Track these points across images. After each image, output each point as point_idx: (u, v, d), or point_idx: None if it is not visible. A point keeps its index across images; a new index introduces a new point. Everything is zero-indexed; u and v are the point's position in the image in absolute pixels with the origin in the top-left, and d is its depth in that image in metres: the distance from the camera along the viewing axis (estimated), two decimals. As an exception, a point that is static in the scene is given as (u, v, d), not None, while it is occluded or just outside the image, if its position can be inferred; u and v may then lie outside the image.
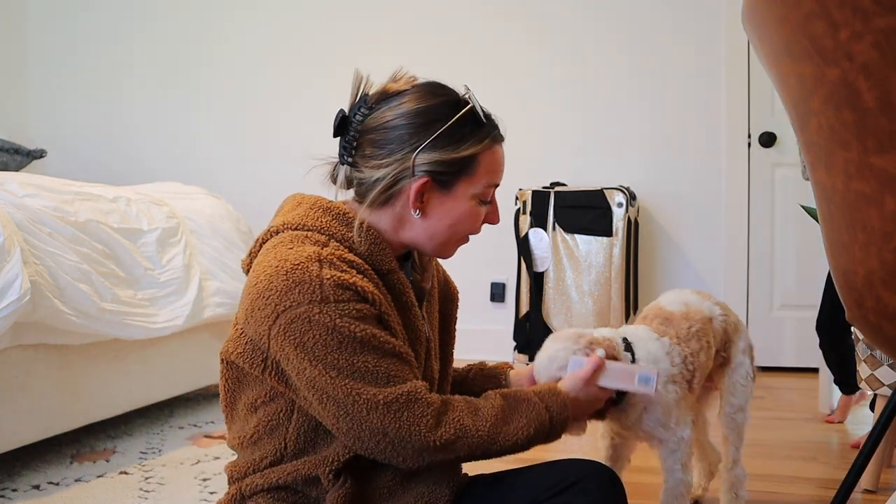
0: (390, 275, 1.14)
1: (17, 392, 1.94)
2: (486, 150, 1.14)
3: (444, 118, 1.11)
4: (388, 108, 1.13)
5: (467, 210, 1.15)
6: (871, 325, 0.95)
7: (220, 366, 1.17)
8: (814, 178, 0.97)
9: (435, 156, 1.11)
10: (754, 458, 2.30)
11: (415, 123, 1.11)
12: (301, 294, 1.02)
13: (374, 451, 1.06)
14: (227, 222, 2.88)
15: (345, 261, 1.07)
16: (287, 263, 1.04)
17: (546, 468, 1.18)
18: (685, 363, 1.44)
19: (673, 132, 3.78)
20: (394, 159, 1.11)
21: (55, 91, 4.53)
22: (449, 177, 1.12)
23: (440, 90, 1.16)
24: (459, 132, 1.12)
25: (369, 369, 1.02)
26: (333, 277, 1.03)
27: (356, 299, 1.04)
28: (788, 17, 0.86)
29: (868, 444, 1.43)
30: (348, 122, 1.16)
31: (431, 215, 1.14)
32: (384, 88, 1.16)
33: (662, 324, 1.50)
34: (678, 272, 3.78)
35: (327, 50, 4.15)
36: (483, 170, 1.14)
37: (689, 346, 1.46)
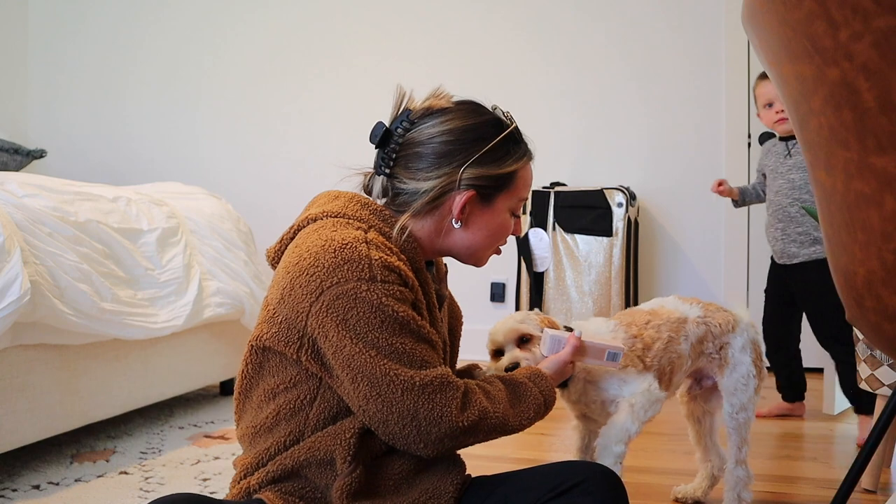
0: (420, 272, 1.20)
1: (17, 392, 1.94)
2: (523, 168, 1.25)
3: (490, 136, 1.20)
4: (432, 123, 1.19)
5: (503, 222, 1.25)
6: (871, 325, 0.95)
7: (247, 350, 1.19)
8: (814, 178, 0.97)
9: (481, 171, 1.19)
10: (754, 458, 2.29)
11: (462, 140, 1.19)
12: (350, 271, 1.06)
13: (397, 436, 1.09)
14: (227, 222, 2.88)
15: (387, 247, 1.13)
16: (335, 242, 1.09)
17: (548, 469, 1.19)
18: (635, 342, 1.52)
19: (673, 132, 3.78)
20: (441, 172, 1.18)
21: (55, 91, 4.53)
22: (492, 191, 1.21)
23: (483, 110, 1.25)
24: (503, 149, 1.21)
25: (406, 351, 1.07)
26: (381, 258, 1.08)
27: (399, 282, 1.10)
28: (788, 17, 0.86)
29: (868, 444, 1.43)
30: (391, 134, 1.20)
31: (471, 226, 1.22)
32: (428, 105, 1.21)
33: (623, 314, 1.61)
34: (678, 272, 3.78)
35: (328, 51, 4.15)
36: (520, 184, 1.25)
37: (641, 332, 1.54)
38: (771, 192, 2.74)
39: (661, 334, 1.56)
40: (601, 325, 1.55)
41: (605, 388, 1.48)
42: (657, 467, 2.15)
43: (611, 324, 1.55)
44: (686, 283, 3.77)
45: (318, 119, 4.17)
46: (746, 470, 1.68)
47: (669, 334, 1.57)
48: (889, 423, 1.47)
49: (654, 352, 1.53)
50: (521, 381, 1.22)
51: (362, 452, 1.12)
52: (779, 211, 2.69)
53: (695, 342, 1.61)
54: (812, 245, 2.62)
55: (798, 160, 2.66)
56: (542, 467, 1.22)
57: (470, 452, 1.34)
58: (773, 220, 2.72)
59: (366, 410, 1.08)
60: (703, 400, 1.80)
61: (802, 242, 2.63)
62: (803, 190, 2.63)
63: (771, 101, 2.68)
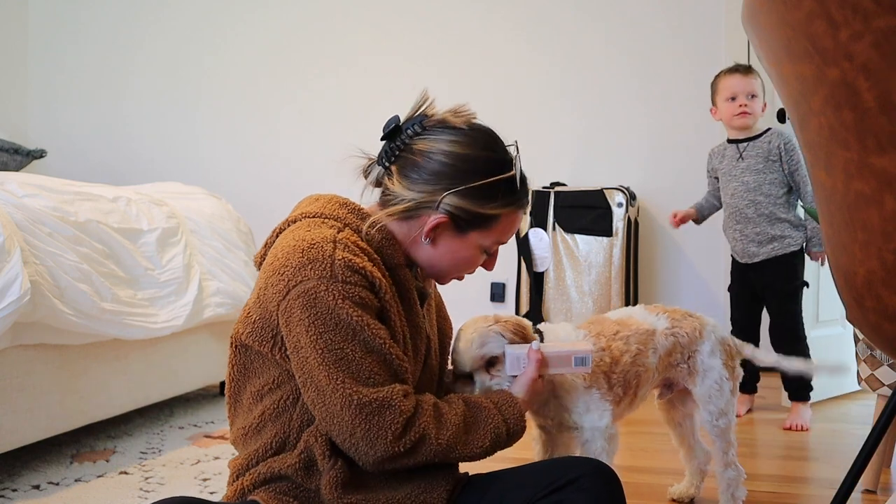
0: (398, 269, 1.20)
1: (17, 392, 1.94)
2: (508, 215, 1.22)
3: (484, 173, 1.17)
4: (439, 138, 1.18)
5: (471, 256, 1.23)
6: (871, 325, 0.95)
7: (230, 352, 1.21)
8: (814, 178, 0.97)
9: (462, 203, 1.17)
10: (754, 458, 2.30)
11: (456, 166, 1.17)
12: (312, 270, 1.07)
13: (342, 444, 1.10)
14: (227, 222, 2.88)
15: (358, 246, 1.13)
16: (304, 243, 1.10)
17: (544, 466, 1.19)
18: (603, 354, 1.47)
19: (673, 132, 3.78)
20: (423, 189, 1.17)
21: (55, 91, 4.53)
22: (466, 224, 1.19)
23: (492, 144, 1.21)
24: (492, 191, 1.18)
25: (355, 360, 1.06)
26: (345, 259, 1.08)
27: (362, 284, 1.09)
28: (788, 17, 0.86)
29: (868, 444, 1.43)
30: (400, 131, 1.20)
31: (439, 247, 1.21)
32: (444, 118, 1.20)
33: (591, 323, 1.55)
34: (678, 272, 3.78)
35: (328, 51, 4.15)
36: (499, 229, 1.21)
37: (609, 345, 1.49)
38: (726, 195, 2.83)
39: (630, 347, 1.51)
40: (570, 333, 1.50)
41: (568, 409, 1.43)
42: (655, 467, 2.15)
43: (580, 333, 1.51)
44: (686, 283, 3.77)
45: (318, 119, 4.17)
46: (737, 468, 1.67)
47: (638, 346, 1.52)
48: (889, 423, 1.47)
49: (622, 366, 1.49)
50: (484, 407, 1.18)
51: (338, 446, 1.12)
52: (735, 213, 2.78)
53: (663, 354, 1.58)
54: (770, 243, 2.71)
55: (750, 163, 2.74)
56: (537, 464, 1.23)
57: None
58: (731, 222, 2.81)
59: (316, 414, 1.10)
60: (681, 404, 1.78)
61: (760, 242, 2.72)
62: (758, 192, 2.71)
63: (736, 95, 2.73)
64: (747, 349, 1.73)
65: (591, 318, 1.62)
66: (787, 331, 2.72)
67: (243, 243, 2.91)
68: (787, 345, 2.69)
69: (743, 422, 2.75)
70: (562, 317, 3.40)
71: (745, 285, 2.83)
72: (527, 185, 1.25)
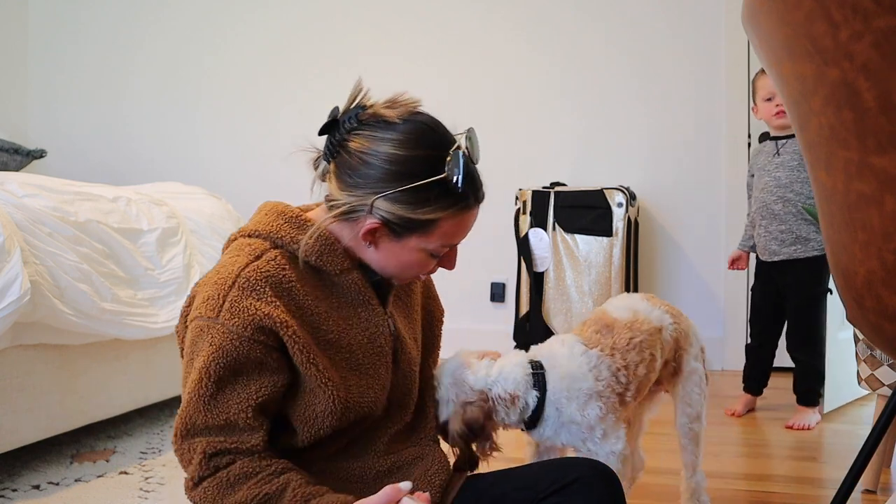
0: (343, 275, 1.14)
1: (17, 392, 1.94)
2: (449, 218, 1.10)
3: (415, 176, 1.07)
4: (371, 136, 1.09)
5: (416, 260, 1.14)
6: (871, 325, 0.95)
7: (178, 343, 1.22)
8: (814, 178, 0.97)
9: (394, 208, 1.08)
10: (754, 458, 2.30)
11: (386, 169, 1.07)
12: (206, 307, 1.06)
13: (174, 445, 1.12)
14: (227, 222, 2.88)
15: (267, 277, 1.07)
16: (217, 275, 1.09)
17: (545, 466, 1.19)
18: (616, 376, 1.35)
19: (673, 132, 3.78)
20: (356, 193, 1.09)
21: (55, 91, 4.53)
22: (402, 229, 1.10)
23: (428, 140, 1.09)
24: (423, 195, 1.07)
25: (193, 402, 1.06)
26: (233, 300, 1.05)
27: (244, 336, 1.03)
28: (788, 17, 0.86)
29: (868, 444, 1.43)
30: (338, 125, 1.14)
31: (382, 251, 1.13)
32: (377, 112, 1.11)
33: (600, 332, 1.41)
34: (678, 272, 3.78)
35: (328, 50, 4.15)
36: (440, 233, 1.11)
37: (624, 358, 1.37)
38: (757, 189, 2.80)
39: (644, 354, 1.41)
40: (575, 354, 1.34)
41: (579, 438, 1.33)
42: (657, 467, 2.15)
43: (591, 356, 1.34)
44: (686, 283, 3.77)
45: (319, 119, 4.15)
46: (703, 475, 1.64)
47: (650, 351, 1.43)
48: (889, 423, 1.47)
49: (637, 379, 1.39)
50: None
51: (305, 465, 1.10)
52: (763, 208, 2.75)
53: (668, 356, 1.52)
54: (793, 244, 2.68)
55: (786, 158, 2.71)
56: (538, 464, 1.22)
57: (470, 452, 1.34)
58: (757, 218, 2.79)
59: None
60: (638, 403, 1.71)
61: (783, 241, 2.70)
62: (788, 189, 2.67)
63: (772, 95, 2.71)
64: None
65: (593, 315, 1.49)
66: (804, 334, 2.70)
67: (243, 243, 2.91)
68: (801, 348, 2.69)
69: (743, 422, 2.75)
70: (562, 317, 3.40)
71: (768, 283, 2.80)
72: (475, 181, 1.12)
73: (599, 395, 1.32)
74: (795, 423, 2.62)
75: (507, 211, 3.61)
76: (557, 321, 3.40)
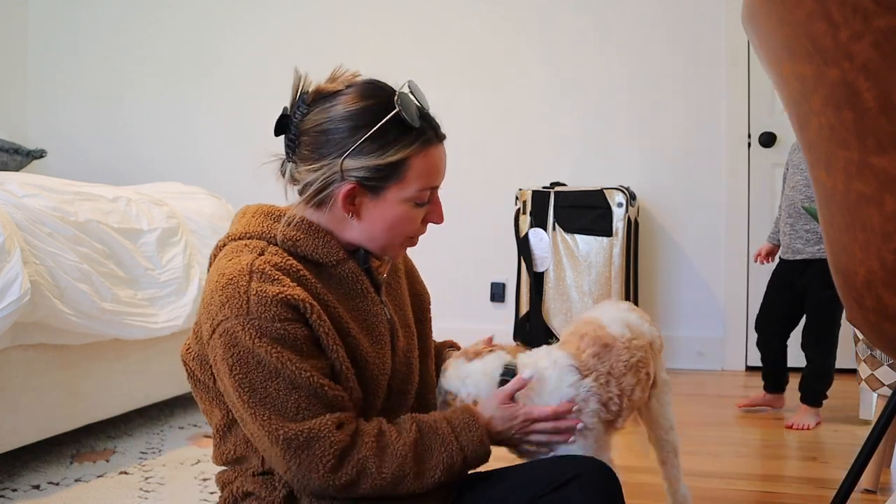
0: (339, 265, 1.14)
1: (18, 392, 1.94)
2: (417, 155, 1.11)
3: (370, 123, 1.09)
4: (321, 109, 1.12)
5: (401, 214, 1.13)
6: (871, 325, 0.95)
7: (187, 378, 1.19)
8: (814, 178, 0.97)
9: (361, 161, 1.09)
10: (754, 459, 2.30)
11: (343, 128, 1.09)
12: (230, 309, 1.03)
13: (285, 478, 1.07)
14: (227, 222, 2.88)
15: (279, 268, 1.07)
16: (224, 278, 1.06)
17: (544, 464, 1.19)
18: (606, 407, 1.26)
19: (673, 132, 3.78)
20: (323, 164, 1.10)
21: (55, 91, 4.53)
22: (377, 182, 1.10)
23: (373, 92, 1.12)
24: (384, 138, 1.09)
25: (280, 398, 1.02)
26: (259, 292, 1.03)
27: (281, 317, 1.03)
28: (788, 17, 0.86)
29: (868, 444, 1.43)
30: (289, 120, 1.16)
31: (365, 218, 1.13)
32: (319, 88, 1.14)
33: (598, 354, 1.29)
34: (678, 272, 3.78)
35: (327, 51, 4.15)
36: (413, 174, 1.11)
37: (620, 384, 1.28)
38: (787, 186, 2.79)
39: (640, 375, 1.33)
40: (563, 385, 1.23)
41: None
42: (655, 467, 2.15)
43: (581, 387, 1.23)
44: (686, 283, 3.77)
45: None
46: (686, 486, 1.61)
47: (646, 371, 1.36)
48: (889, 423, 1.47)
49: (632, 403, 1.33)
50: (439, 432, 1.10)
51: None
52: (790, 206, 2.74)
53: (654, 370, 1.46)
54: (817, 244, 2.67)
55: None
56: (537, 462, 1.22)
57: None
58: (784, 216, 2.77)
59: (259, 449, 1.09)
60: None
61: (808, 240, 2.68)
62: None
63: None
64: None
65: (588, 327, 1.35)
66: (819, 333, 2.70)
67: (243, 243, 2.91)
68: (815, 347, 2.69)
69: (743, 422, 2.75)
70: (562, 317, 3.39)
71: (784, 282, 2.78)
72: (428, 118, 1.13)
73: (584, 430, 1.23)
74: (795, 423, 2.62)
75: (507, 211, 3.61)
76: (557, 321, 3.40)
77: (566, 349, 1.30)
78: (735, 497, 1.94)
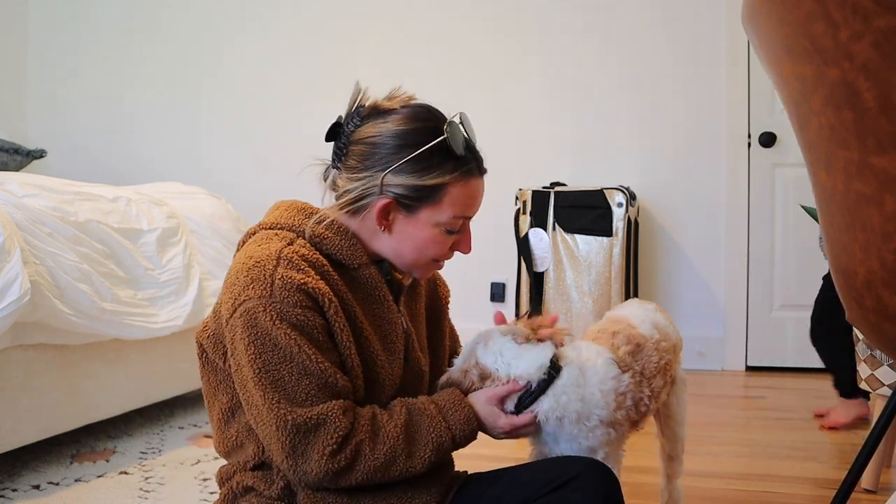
0: (361, 269, 1.17)
1: (18, 392, 1.94)
2: (455, 183, 1.15)
3: (416, 144, 1.13)
4: (373, 124, 1.16)
5: (430, 237, 1.17)
6: (871, 325, 0.95)
7: (199, 359, 1.21)
8: (814, 178, 0.97)
9: (402, 179, 1.13)
10: (754, 459, 2.30)
11: (390, 144, 1.14)
12: (254, 290, 1.06)
13: (280, 465, 1.08)
14: (227, 222, 2.88)
15: (306, 259, 1.11)
16: (251, 260, 1.09)
17: (543, 465, 1.19)
18: (637, 406, 1.27)
19: (673, 132, 3.78)
20: (365, 175, 1.15)
21: (55, 91, 4.53)
22: (413, 201, 1.14)
23: (425, 116, 1.17)
24: (427, 161, 1.13)
25: (291, 382, 1.04)
26: (284, 277, 1.06)
27: (302, 304, 1.06)
28: (788, 17, 0.86)
29: (868, 444, 1.43)
30: (341, 129, 1.19)
31: (396, 234, 1.17)
32: (376, 104, 1.18)
33: (632, 353, 1.29)
34: (678, 272, 3.78)
35: (328, 52, 4.15)
36: (449, 200, 1.15)
37: (650, 386, 1.29)
38: None
39: (666, 377, 1.34)
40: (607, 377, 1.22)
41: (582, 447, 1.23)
42: (655, 467, 2.15)
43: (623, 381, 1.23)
44: (686, 283, 3.77)
45: (319, 119, 4.16)
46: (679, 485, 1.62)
47: (671, 374, 1.37)
48: (889, 423, 1.47)
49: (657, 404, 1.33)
50: (427, 413, 1.13)
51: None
52: None
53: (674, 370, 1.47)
54: None
55: None
56: (536, 463, 1.22)
57: (468, 452, 1.34)
58: None
59: (258, 433, 1.09)
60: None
61: None
62: None
63: None
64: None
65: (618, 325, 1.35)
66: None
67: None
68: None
69: (743, 422, 2.75)
70: (562, 317, 3.39)
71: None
72: (475, 151, 1.19)
73: (613, 424, 1.23)
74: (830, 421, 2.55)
75: (507, 211, 3.61)
76: (559, 322, 3.39)
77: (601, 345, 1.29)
78: (735, 497, 1.94)
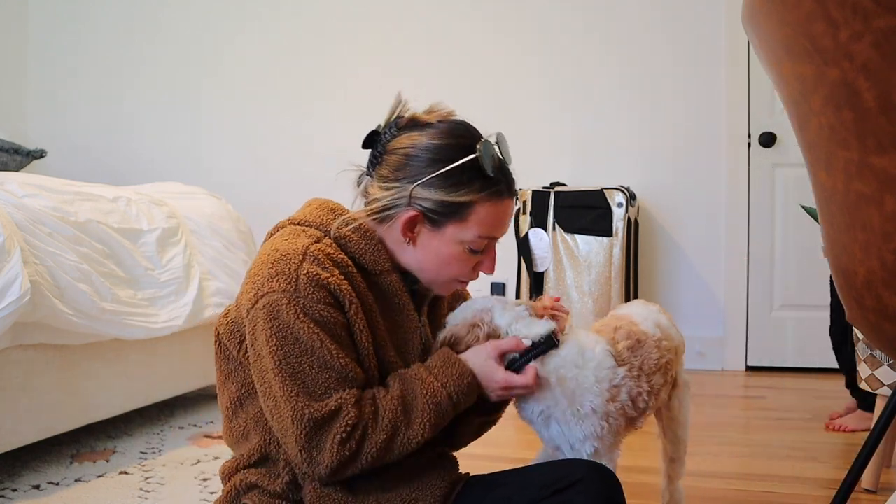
0: (383, 275, 1.18)
1: (18, 392, 1.94)
2: (483, 202, 1.15)
3: (448, 160, 1.14)
4: (409, 135, 1.17)
5: (454, 254, 1.17)
6: (871, 325, 0.95)
7: (214, 346, 1.22)
8: (814, 178, 0.97)
9: (431, 193, 1.14)
10: (754, 459, 2.30)
11: (423, 157, 1.14)
12: (278, 282, 1.07)
13: (293, 458, 1.08)
14: (227, 222, 2.88)
15: (331, 258, 1.12)
16: (277, 253, 1.10)
17: (545, 468, 1.19)
18: (636, 402, 1.26)
19: (673, 132, 3.78)
20: (395, 186, 1.15)
21: (55, 91, 4.53)
22: (439, 216, 1.15)
23: (460, 133, 1.17)
24: (457, 177, 1.14)
25: (311, 376, 1.06)
26: (310, 273, 1.07)
27: (326, 300, 1.08)
28: (788, 17, 0.86)
29: (868, 444, 1.43)
30: (378, 137, 1.20)
31: (420, 247, 1.17)
32: (415, 116, 1.19)
33: (632, 347, 1.29)
34: (678, 272, 3.78)
35: (328, 52, 4.15)
36: (476, 218, 1.15)
37: (649, 382, 1.28)
38: None
39: (667, 377, 1.34)
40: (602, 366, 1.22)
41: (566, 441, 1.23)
42: (655, 467, 2.15)
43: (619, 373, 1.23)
44: (686, 283, 3.77)
45: (319, 119, 4.17)
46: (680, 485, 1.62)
47: (672, 374, 1.38)
48: (889, 423, 1.47)
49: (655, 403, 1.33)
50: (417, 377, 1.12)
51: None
52: None
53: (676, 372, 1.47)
54: None
55: None
56: (539, 465, 1.22)
57: (469, 452, 1.34)
58: None
59: (273, 426, 1.10)
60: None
61: None
62: None
63: None
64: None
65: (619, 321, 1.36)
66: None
67: (243, 243, 2.91)
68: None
69: (743, 422, 2.75)
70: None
71: None
72: (507, 173, 1.18)
73: (608, 417, 1.22)
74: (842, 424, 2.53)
75: (507, 211, 3.60)
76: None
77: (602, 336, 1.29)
78: (735, 497, 1.94)
